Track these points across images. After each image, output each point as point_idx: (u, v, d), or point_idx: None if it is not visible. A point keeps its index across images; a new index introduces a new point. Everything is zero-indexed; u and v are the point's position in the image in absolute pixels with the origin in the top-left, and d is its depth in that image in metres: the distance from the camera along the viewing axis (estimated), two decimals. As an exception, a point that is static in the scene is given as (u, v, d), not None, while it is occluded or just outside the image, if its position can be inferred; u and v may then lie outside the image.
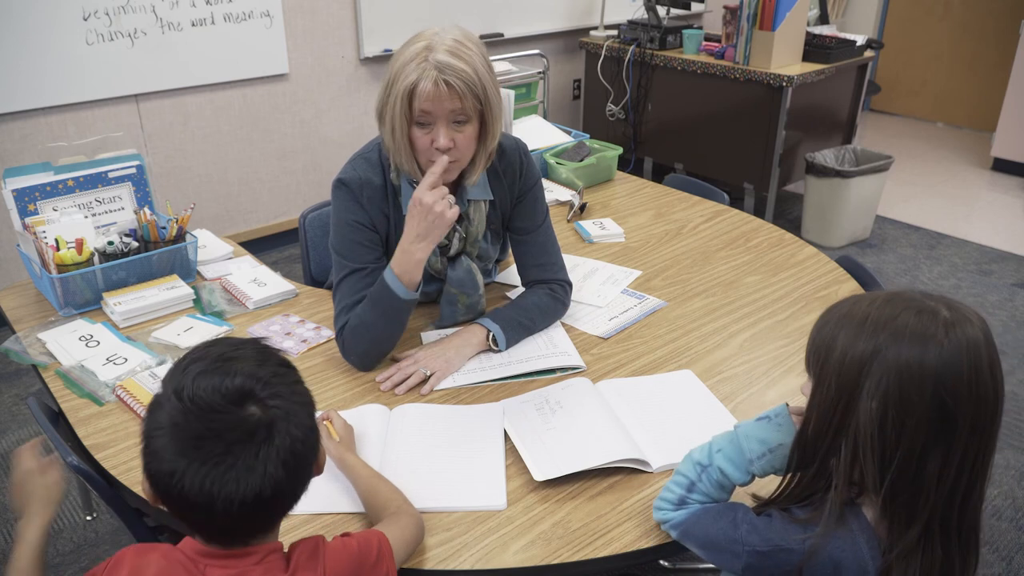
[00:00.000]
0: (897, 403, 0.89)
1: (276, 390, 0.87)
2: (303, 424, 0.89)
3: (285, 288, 1.82)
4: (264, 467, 0.84)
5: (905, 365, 0.89)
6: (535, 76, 4.21)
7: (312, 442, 0.91)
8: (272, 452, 0.85)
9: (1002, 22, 5.30)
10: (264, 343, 0.94)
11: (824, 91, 4.03)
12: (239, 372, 0.87)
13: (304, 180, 3.86)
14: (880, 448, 0.91)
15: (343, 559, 0.96)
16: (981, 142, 5.37)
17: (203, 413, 0.84)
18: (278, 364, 0.92)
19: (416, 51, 1.41)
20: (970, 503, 0.93)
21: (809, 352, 1.00)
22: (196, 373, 0.86)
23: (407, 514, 1.12)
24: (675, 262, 1.97)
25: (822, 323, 0.99)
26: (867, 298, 0.97)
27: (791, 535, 0.97)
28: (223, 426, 0.84)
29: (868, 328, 0.92)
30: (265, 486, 0.84)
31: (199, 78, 3.36)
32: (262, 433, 0.85)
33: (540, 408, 1.39)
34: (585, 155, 2.50)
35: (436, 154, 1.45)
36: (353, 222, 1.54)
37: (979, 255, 3.85)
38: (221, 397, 0.84)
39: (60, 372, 1.53)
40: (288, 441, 0.86)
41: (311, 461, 0.92)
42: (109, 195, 1.87)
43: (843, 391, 0.93)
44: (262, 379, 0.87)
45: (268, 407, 0.86)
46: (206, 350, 0.90)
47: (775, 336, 1.66)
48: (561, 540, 1.14)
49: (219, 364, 0.87)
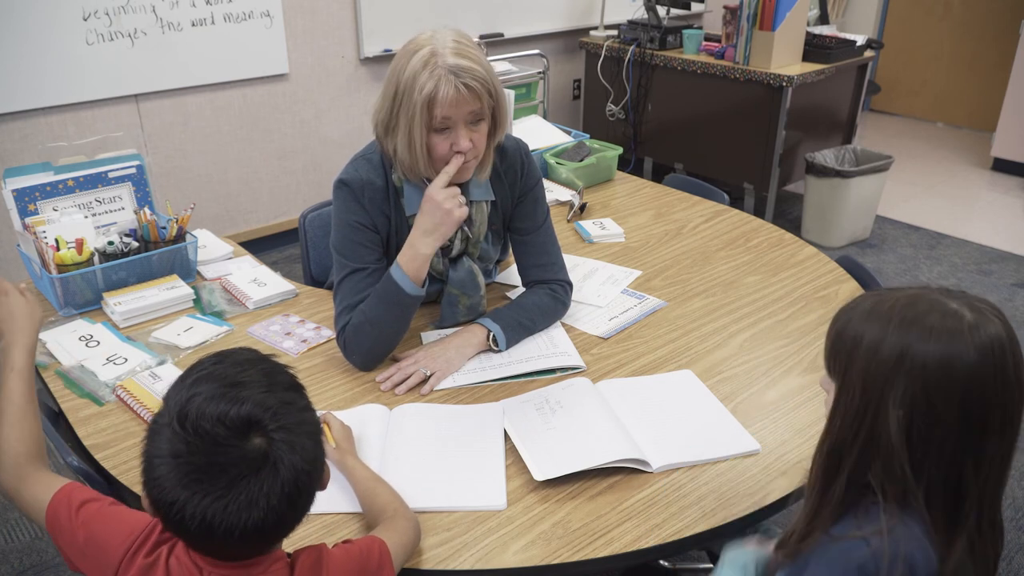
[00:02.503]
0: (924, 412, 0.87)
1: (283, 422, 0.84)
2: (308, 455, 0.86)
3: (285, 288, 1.82)
4: (267, 500, 0.82)
5: (932, 372, 0.87)
6: (535, 76, 4.20)
7: (317, 472, 0.89)
8: (276, 485, 0.83)
9: (1002, 22, 5.30)
10: (273, 361, 0.91)
11: (824, 91, 4.03)
12: (246, 399, 0.83)
13: (304, 180, 3.86)
14: (910, 458, 0.88)
15: (346, 568, 0.96)
16: (981, 142, 5.37)
17: (207, 445, 0.81)
18: (286, 389, 0.89)
19: (423, 59, 1.40)
20: (998, 498, 0.92)
21: (830, 353, 0.97)
22: (201, 399, 0.83)
23: (404, 518, 1.12)
24: (675, 262, 1.97)
25: (844, 321, 0.96)
26: (889, 297, 0.94)
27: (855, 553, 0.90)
28: (227, 460, 0.81)
29: (893, 329, 0.89)
30: (267, 518, 0.83)
31: (199, 78, 3.36)
32: (267, 468, 0.82)
33: (540, 408, 1.39)
34: (585, 155, 2.50)
35: (456, 156, 1.46)
36: (354, 222, 1.54)
37: (979, 255, 3.85)
38: (226, 428, 0.82)
39: (60, 372, 1.53)
40: (292, 474, 0.84)
41: (315, 488, 0.90)
42: (109, 195, 1.87)
43: (869, 400, 0.90)
44: (270, 408, 0.84)
45: (273, 440, 0.83)
46: (212, 368, 0.87)
47: (775, 336, 1.66)
48: (561, 540, 1.14)
49: (225, 390, 0.84)
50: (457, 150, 1.45)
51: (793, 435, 1.35)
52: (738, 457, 1.30)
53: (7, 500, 0.90)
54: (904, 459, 0.88)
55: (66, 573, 2.04)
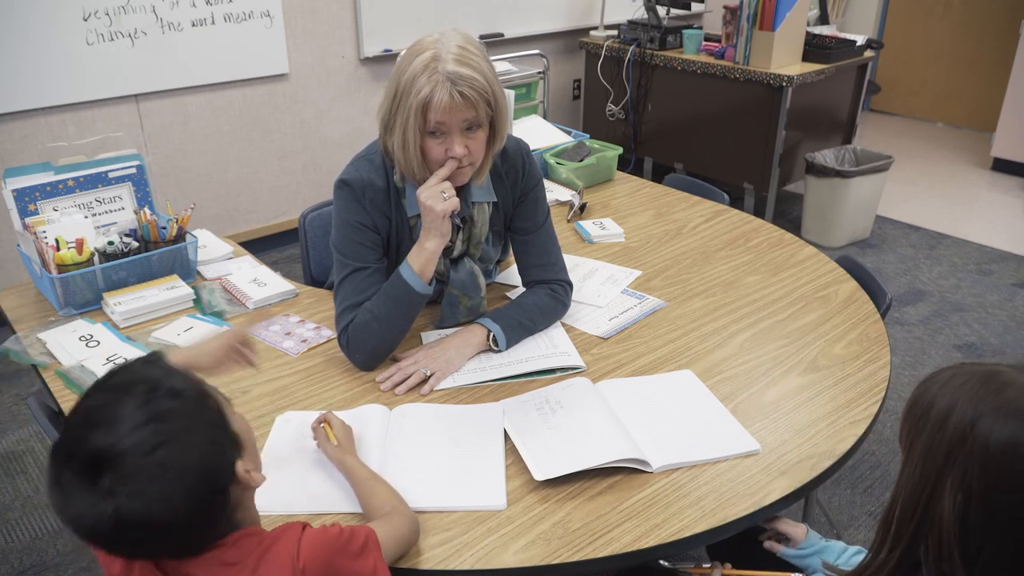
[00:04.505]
0: (983, 499, 0.81)
1: (122, 470, 0.83)
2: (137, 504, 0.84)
3: (285, 288, 1.82)
4: (94, 523, 0.83)
5: (995, 455, 0.80)
6: (535, 76, 4.21)
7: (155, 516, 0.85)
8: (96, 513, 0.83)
9: (1002, 22, 5.30)
10: (152, 382, 0.90)
11: (824, 91, 4.03)
12: (88, 440, 0.85)
13: (304, 180, 3.86)
14: (963, 547, 0.82)
15: (320, 546, 0.96)
16: (981, 142, 5.37)
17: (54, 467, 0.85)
18: (146, 422, 0.86)
19: (424, 62, 1.40)
20: None
21: (903, 419, 0.91)
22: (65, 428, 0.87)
23: (401, 514, 1.12)
24: (675, 262, 1.98)
25: (923, 388, 0.89)
26: (972, 367, 0.87)
27: None
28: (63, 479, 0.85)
29: (965, 401, 0.83)
30: (100, 533, 0.84)
31: (199, 78, 3.36)
32: (96, 494, 0.83)
33: (540, 408, 1.39)
34: (585, 155, 2.50)
35: (450, 161, 1.46)
36: (355, 222, 1.55)
37: (979, 255, 3.85)
38: (70, 469, 0.84)
39: (60, 372, 1.53)
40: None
41: (157, 527, 0.86)
42: (109, 195, 1.87)
43: (928, 477, 0.85)
44: (113, 452, 0.83)
45: (113, 489, 0.83)
46: (88, 394, 0.90)
47: (775, 336, 1.66)
48: (561, 540, 1.14)
49: (79, 424, 0.87)
50: (451, 156, 1.45)
51: (793, 435, 1.35)
52: (738, 457, 1.30)
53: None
54: (955, 547, 0.83)
55: (66, 573, 2.04)
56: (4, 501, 2.29)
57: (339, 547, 0.97)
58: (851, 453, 1.33)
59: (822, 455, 1.31)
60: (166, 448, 0.85)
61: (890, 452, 2.50)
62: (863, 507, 2.27)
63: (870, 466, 2.43)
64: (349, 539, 0.99)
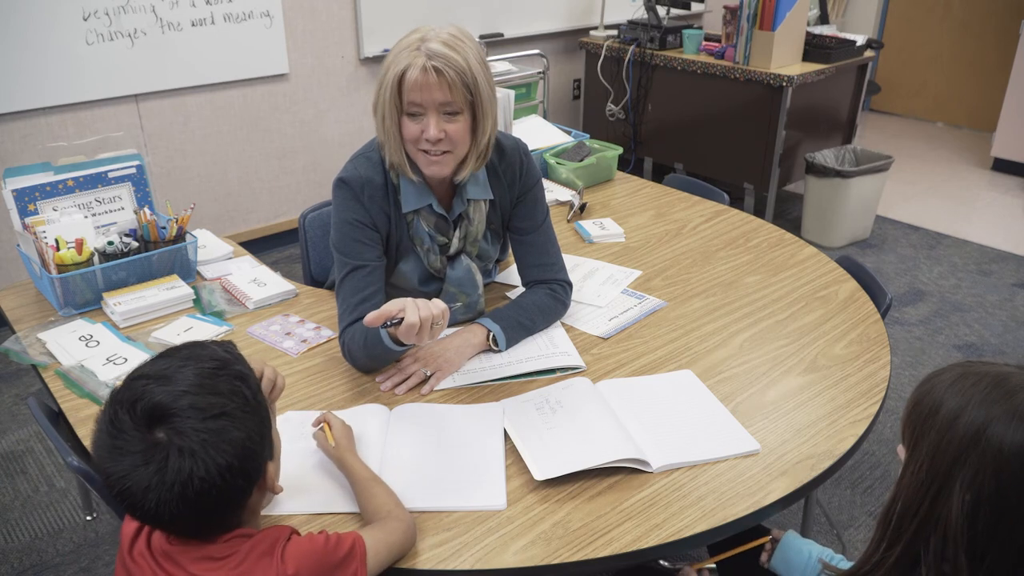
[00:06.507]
0: (993, 501, 0.81)
1: (180, 426, 0.88)
2: (206, 463, 0.89)
3: (285, 288, 1.82)
4: (157, 495, 0.88)
5: (1008, 459, 0.80)
6: (535, 76, 4.21)
7: (223, 481, 0.91)
8: (165, 482, 0.87)
9: (1002, 22, 5.30)
10: (221, 363, 0.95)
11: (824, 91, 4.03)
12: (156, 394, 0.90)
13: (304, 180, 3.86)
14: (969, 547, 0.82)
15: (305, 555, 0.97)
16: (981, 142, 5.37)
17: (113, 428, 0.89)
18: (212, 394, 0.92)
19: (410, 41, 1.44)
20: None
21: (905, 418, 0.90)
22: (123, 386, 0.92)
23: (396, 519, 1.11)
24: (675, 262, 1.97)
25: (927, 387, 0.89)
26: (979, 368, 0.87)
27: None
28: (125, 445, 0.89)
29: (976, 404, 0.82)
30: (161, 512, 0.88)
31: (199, 78, 3.36)
32: (154, 464, 0.87)
33: (540, 408, 1.39)
34: (585, 155, 2.50)
35: (425, 144, 1.46)
36: (354, 220, 1.55)
37: (979, 255, 3.85)
38: (130, 417, 0.88)
39: (60, 372, 1.53)
40: (181, 476, 0.88)
41: (224, 496, 0.92)
42: (109, 195, 1.87)
43: (935, 476, 0.84)
44: (173, 409, 0.89)
45: (171, 441, 0.88)
46: (155, 361, 0.95)
47: (775, 336, 1.66)
48: (561, 540, 1.14)
49: (146, 382, 0.91)
50: (426, 137, 1.44)
51: (793, 435, 1.35)
52: (738, 457, 1.30)
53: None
54: (962, 547, 0.83)
55: (66, 573, 2.04)
56: (4, 501, 2.29)
57: (323, 556, 0.98)
58: (851, 453, 1.33)
59: (822, 455, 1.31)
60: (221, 420, 0.90)
61: (890, 452, 2.50)
62: (863, 507, 2.27)
63: (870, 466, 2.43)
64: (335, 547, 1.00)
